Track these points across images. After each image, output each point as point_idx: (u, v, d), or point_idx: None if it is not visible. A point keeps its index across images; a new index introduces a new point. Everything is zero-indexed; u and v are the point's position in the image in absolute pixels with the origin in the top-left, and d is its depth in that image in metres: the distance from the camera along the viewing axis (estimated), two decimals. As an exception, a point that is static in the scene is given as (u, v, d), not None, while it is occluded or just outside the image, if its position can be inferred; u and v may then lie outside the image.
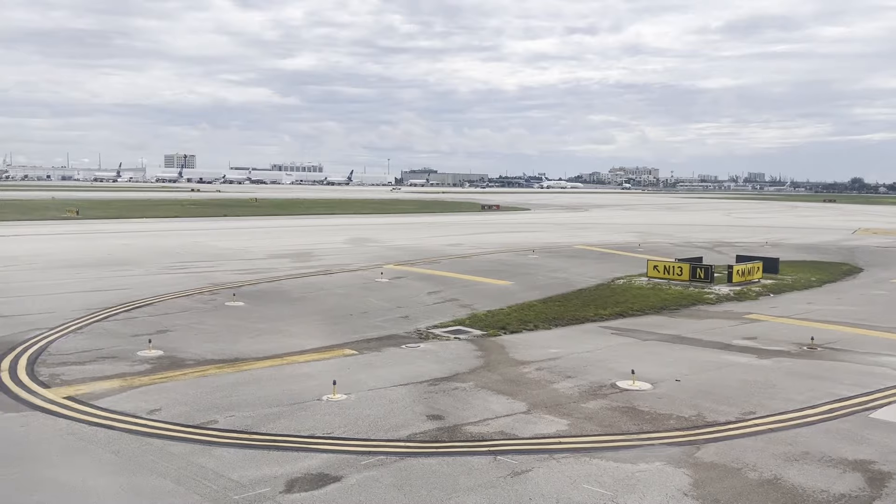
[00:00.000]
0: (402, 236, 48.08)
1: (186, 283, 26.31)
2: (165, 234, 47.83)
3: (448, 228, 57.60)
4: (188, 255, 34.46)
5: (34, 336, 17.92)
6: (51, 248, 37.15)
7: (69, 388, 13.76)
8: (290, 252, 37.04)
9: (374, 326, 20.48)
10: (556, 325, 21.28)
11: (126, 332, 18.63)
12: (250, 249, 37.96)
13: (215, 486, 9.50)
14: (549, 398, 13.67)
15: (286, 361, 16.36)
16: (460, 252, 38.48)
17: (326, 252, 37.49)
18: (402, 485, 9.60)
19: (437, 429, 11.91)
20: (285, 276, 28.64)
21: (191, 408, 12.81)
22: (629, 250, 41.04)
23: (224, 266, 31.21)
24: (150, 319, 20.35)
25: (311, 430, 11.72)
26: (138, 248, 37.60)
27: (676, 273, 28.80)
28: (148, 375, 14.79)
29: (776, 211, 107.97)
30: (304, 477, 9.83)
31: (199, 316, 21.07)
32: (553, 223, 68.52)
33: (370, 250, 38.80)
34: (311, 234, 49.86)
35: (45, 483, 9.54)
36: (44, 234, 45.64)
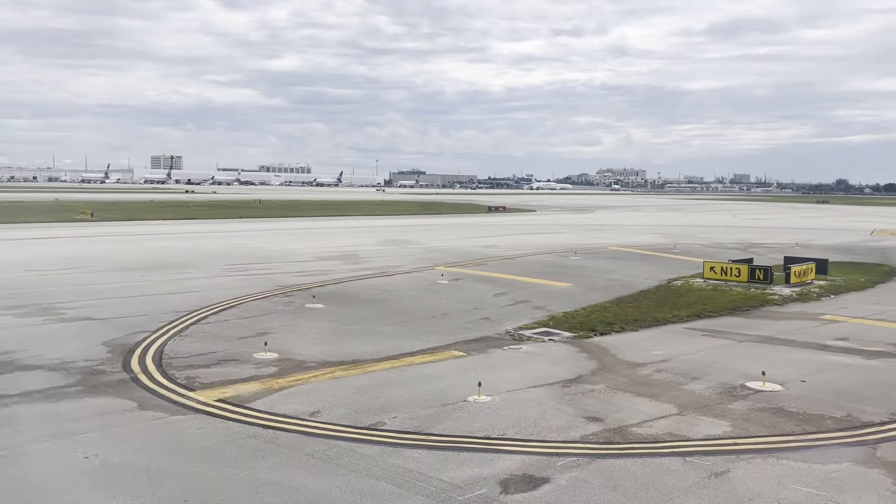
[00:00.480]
0: (433, 238, 48.15)
1: (254, 286, 26.30)
2: (196, 236, 47.67)
3: (472, 230, 57.72)
4: (237, 258, 34.38)
5: (142, 338, 17.92)
6: (96, 250, 36.94)
7: (215, 391, 13.81)
8: (335, 254, 37.05)
9: (462, 328, 20.59)
10: (639, 326, 21.47)
11: (229, 335, 18.66)
12: (294, 251, 37.93)
13: (432, 487, 9.62)
14: (691, 400, 13.86)
15: (403, 363, 16.47)
16: (499, 254, 38.63)
17: (370, 254, 37.52)
18: (614, 486, 9.77)
19: (604, 430, 12.07)
20: (347, 279, 28.67)
21: (348, 409, 12.90)
22: (665, 251, 41.36)
23: (279, 268, 31.19)
24: (242, 322, 20.38)
25: (482, 432, 11.85)
26: (180, 250, 37.45)
27: (734, 274, 29.10)
28: (282, 377, 14.85)
29: (780, 212, 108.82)
30: (510, 478, 9.96)
31: (288, 318, 21.10)
32: (570, 225, 68.81)
33: (411, 252, 38.87)
34: (343, 236, 49.82)
35: (264, 485, 9.62)
36: (79, 237, 45.36)
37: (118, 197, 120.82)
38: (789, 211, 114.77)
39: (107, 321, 19.80)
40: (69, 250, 36.52)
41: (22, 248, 38.12)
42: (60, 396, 13.23)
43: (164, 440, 11.26)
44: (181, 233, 49.90)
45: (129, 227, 55.29)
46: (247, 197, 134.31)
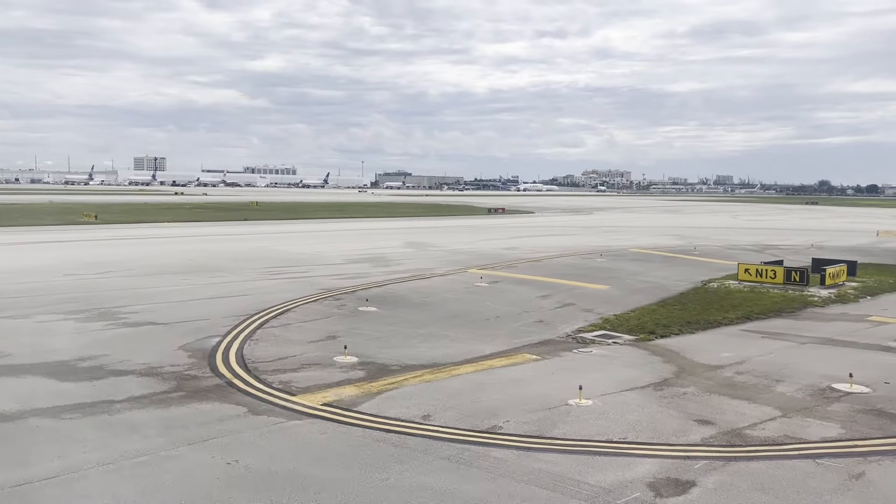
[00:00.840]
0: (451, 240, 48.21)
1: (298, 289, 26.23)
2: (213, 238, 47.46)
3: (484, 232, 57.79)
4: (268, 261, 34.26)
5: (216, 343, 17.89)
6: (121, 254, 36.65)
7: (316, 395, 13.83)
8: (362, 257, 37.02)
9: (521, 331, 20.72)
10: (694, 329, 21.68)
11: (299, 339, 18.65)
12: (321, 254, 37.84)
13: (584, 491, 9.73)
14: (787, 402, 14.06)
15: (484, 366, 16.56)
16: (523, 256, 38.74)
17: (397, 257, 37.52)
18: (762, 488, 9.92)
19: (720, 433, 12.22)
20: (386, 281, 28.65)
21: (457, 413, 12.98)
22: (686, 254, 41.70)
23: (314, 271, 31.12)
24: (306, 325, 20.38)
25: (603, 435, 11.98)
26: (206, 253, 37.27)
27: (769, 276, 29.43)
28: (374, 381, 14.89)
29: (777, 214, 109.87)
30: (656, 482, 10.09)
31: (349, 322, 21.11)
32: (578, 227, 69.08)
33: (436, 254, 38.91)
34: (360, 239, 49.69)
35: (419, 490, 9.67)
36: (95, 240, 44.96)
37: (111, 199, 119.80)
38: (785, 212, 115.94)
39: (173, 326, 19.73)
40: (94, 254, 36.23)
41: (44, 251, 37.78)
42: (167, 402, 13.20)
43: (295, 445, 11.28)
44: (196, 235, 49.65)
45: (139, 229, 54.89)
46: (241, 199, 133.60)
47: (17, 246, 40.57)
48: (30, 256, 35.04)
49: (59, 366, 15.41)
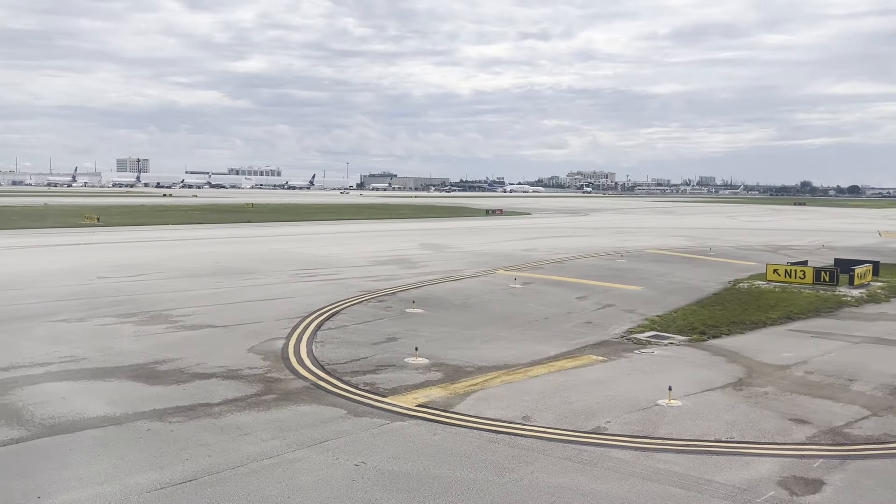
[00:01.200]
0: (466, 242, 48.31)
1: (337, 291, 26.21)
2: (228, 241, 47.24)
3: (494, 234, 57.91)
4: (295, 263, 34.18)
5: (282, 345, 17.89)
6: (145, 256, 36.44)
7: (406, 396, 13.90)
8: (386, 258, 37.02)
9: (575, 332, 20.86)
10: (742, 329, 21.91)
11: (361, 340, 18.67)
12: (344, 257, 37.79)
13: (720, 490, 9.87)
14: (872, 401, 14.31)
15: (555, 367, 16.68)
16: (545, 257, 38.88)
17: (421, 259, 37.55)
18: (890, 485, 10.11)
19: (820, 432, 12.43)
20: (420, 283, 28.65)
21: (555, 414, 13.10)
22: (702, 254, 42.07)
23: (344, 273, 31.11)
24: (362, 327, 20.39)
25: (710, 435, 12.14)
26: (228, 256, 37.10)
27: (799, 276, 29.79)
28: (456, 383, 14.96)
29: (771, 214, 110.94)
30: (784, 480, 10.24)
31: (401, 323, 21.14)
32: (584, 228, 69.41)
33: (457, 256, 38.99)
34: (375, 240, 49.62)
35: (559, 490, 9.76)
36: (109, 243, 44.69)
37: (103, 201, 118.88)
38: (777, 213, 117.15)
39: (232, 328, 19.68)
40: (118, 257, 35.99)
41: (64, 254, 37.45)
42: (264, 404, 13.20)
43: (413, 446, 11.33)
44: (208, 238, 49.40)
45: (149, 232, 54.54)
46: (234, 201, 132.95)
47: (34, 249, 40.22)
48: (56, 259, 34.69)
49: (138, 369, 15.36)
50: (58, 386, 14.01)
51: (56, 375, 14.75)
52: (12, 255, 36.89)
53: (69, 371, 15.08)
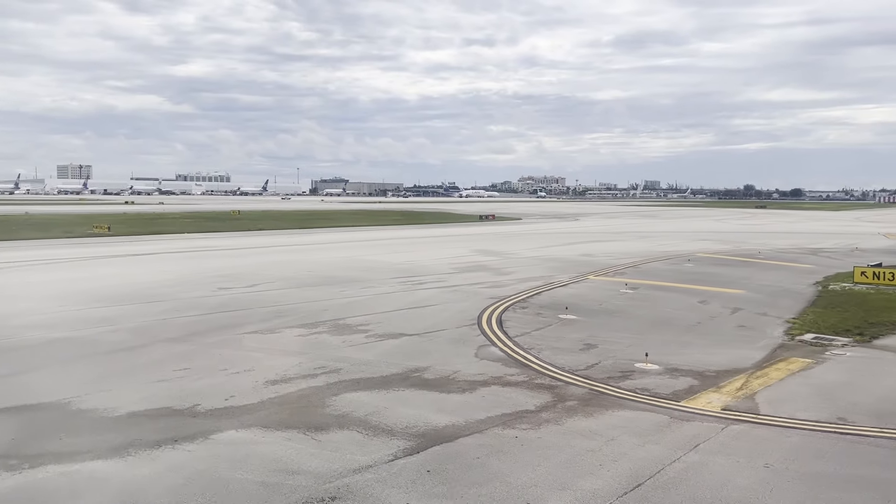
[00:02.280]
0: (517, 248, 48.55)
1: (469, 299, 26.30)
2: (283, 250, 46.80)
3: (532, 240, 58.32)
4: (388, 271, 34.02)
5: (499, 352, 18.13)
6: (229, 266, 35.91)
7: (697, 401, 14.30)
8: (466, 265, 37.19)
9: (745, 337, 21.21)
10: (891, 330, 22.74)
11: (565, 347, 18.96)
12: (423, 264, 37.69)
13: None
14: None
15: (783, 371, 17.20)
16: (609, 262, 39.47)
17: (499, 265, 37.71)
18: None
19: None
20: (535, 290, 28.89)
21: (866, 413, 13.61)
22: (752, 257, 43.44)
23: (448, 280, 31.15)
24: (546, 333, 20.66)
25: None
26: (306, 264, 36.81)
27: (888, 278, 31.11)
28: (723, 386, 15.43)
29: (751, 217, 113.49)
30: None
31: (576, 329, 21.44)
32: (602, 232, 70.49)
33: (528, 262, 39.24)
34: (426, 247, 49.37)
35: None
36: (156, 253, 43.86)
37: (76, 209, 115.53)
38: (754, 216, 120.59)
39: (428, 336, 19.85)
40: (205, 267, 35.49)
41: (144, 266, 36.69)
42: (578, 410, 13.48)
43: (784, 448, 11.76)
44: (257, 247, 48.82)
45: (177, 242, 53.51)
46: (217, 208, 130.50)
47: (102, 260, 39.22)
48: (150, 270, 34.14)
49: (405, 378, 15.45)
50: (361, 396, 14.03)
51: (342, 386, 14.74)
52: (91, 267, 36.00)
53: (347, 382, 15.07)
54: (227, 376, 15.44)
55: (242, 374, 15.64)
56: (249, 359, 16.90)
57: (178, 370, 15.88)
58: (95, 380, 15.06)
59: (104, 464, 10.54)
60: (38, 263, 36.84)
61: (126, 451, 11.01)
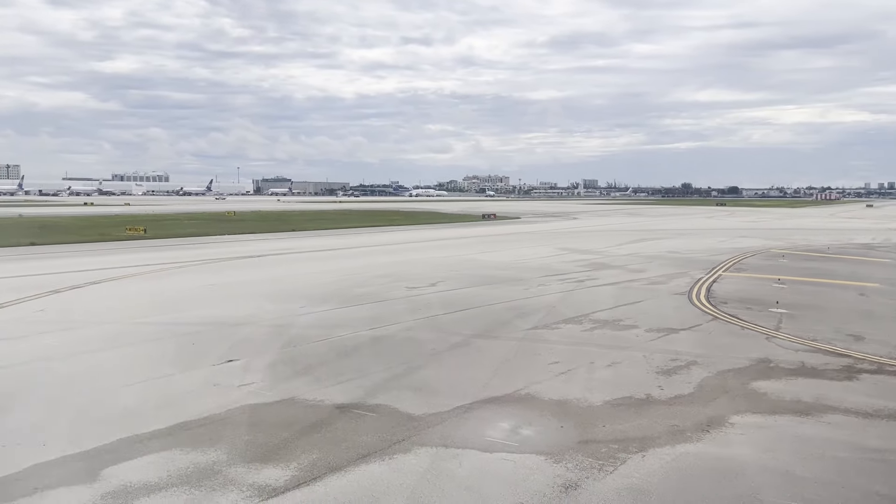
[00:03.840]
0: (596, 245, 49.84)
1: (654, 295, 27.60)
2: (372, 251, 47.09)
3: (590, 238, 59.80)
4: (527, 270, 35.03)
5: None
6: (367, 266, 36.30)
7: None
8: (583, 263, 38.33)
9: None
10: None
11: (843, 338, 20.43)
12: (537, 262, 38.76)
13: None
14: None
15: None
16: (711, 258, 41.18)
17: (615, 263, 38.99)
18: None
19: None
20: (695, 284, 30.30)
21: None
22: (821, 252, 46.03)
23: (599, 279, 32.38)
24: (798, 326, 22.07)
25: None
26: (428, 264, 37.46)
27: None
28: None
29: (730, 216, 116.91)
30: None
31: (817, 322, 22.74)
32: (639, 230, 72.16)
33: (630, 259, 40.60)
34: (504, 246, 50.56)
35: None
36: (271, 254, 43.51)
37: (41, 211, 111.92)
38: (731, 214, 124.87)
39: (687, 331, 20.93)
40: (343, 267, 35.79)
41: (286, 268, 36.69)
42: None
43: None
44: (335, 248, 48.93)
45: (257, 244, 53.05)
46: (196, 209, 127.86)
47: (223, 264, 38.93)
48: (303, 271, 34.37)
49: (777, 366, 16.63)
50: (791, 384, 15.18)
51: (749, 374, 15.89)
52: (243, 269, 35.83)
53: (739, 370, 16.19)
54: (616, 369, 16.39)
55: (624, 365, 16.62)
56: (590, 353, 17.84)
57: (551, 364, 16.71)
58: (507, 375, 15.78)
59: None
60: (170, 267, 36.34)
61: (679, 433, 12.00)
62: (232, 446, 11.38)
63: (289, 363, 16.63)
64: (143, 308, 23.91)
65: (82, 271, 33.44)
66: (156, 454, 11.02)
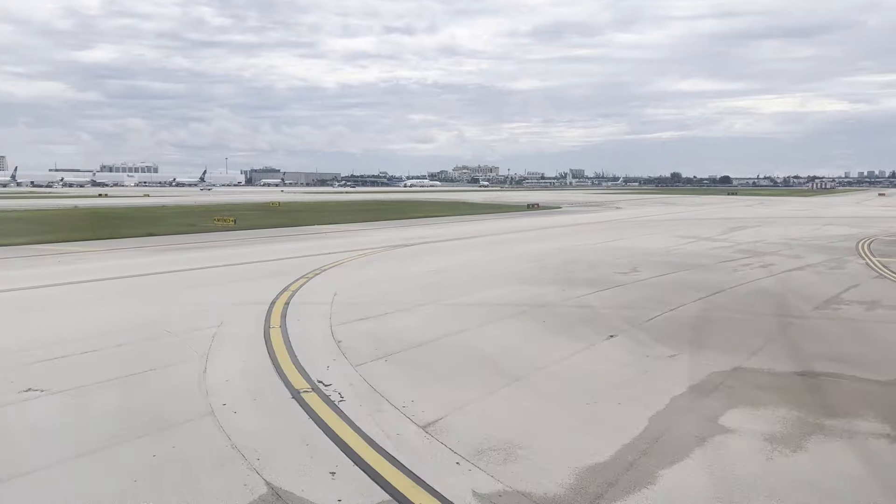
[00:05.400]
0: (709, 233, 51.65)
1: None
2: (508, 239, 48.31)
3: (672, 226, 61.44)
4: (677, 255, 36.47)
5: None
6: (531, 251, 37.49)
7: None
8: (733, 250, 39.87)
9: None
10: None
11: None
12: (672, 249, 40.28)
13: None
14: None
15: None
16: (831, 245, 43.04)
17: (760, 250, 40.66)
18: None
19: None
20: (865, 266, 31.97)
21: None
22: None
23: (786, 266, 33.93)
24: None
25: None
26: (578, 251, 38.80)
27: None
28: None
29: (780, 206, 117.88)
30: None
31: None
32: (704, 219, 73.30)
33: (771, 246, 42.37)
34: (614, 233, 52.10)
35: None
36: (451, 239, 44.41)
37: (91, 202, 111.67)
38: (766, 204, 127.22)
39: None
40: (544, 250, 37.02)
41: (466, 253, 37.69)
42: None
43: None
44: (452, 236, 49.98)
45: (402, 231, 53.95)
46: (252, 199, 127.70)
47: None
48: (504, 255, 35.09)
49: None
50: None
51: None
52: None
53: None
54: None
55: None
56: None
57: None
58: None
59: None
60: (355, 256, 36.76)
61: None
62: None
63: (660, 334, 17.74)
64: (418, 292, 24.21)
65: (298, 257, 34.13)
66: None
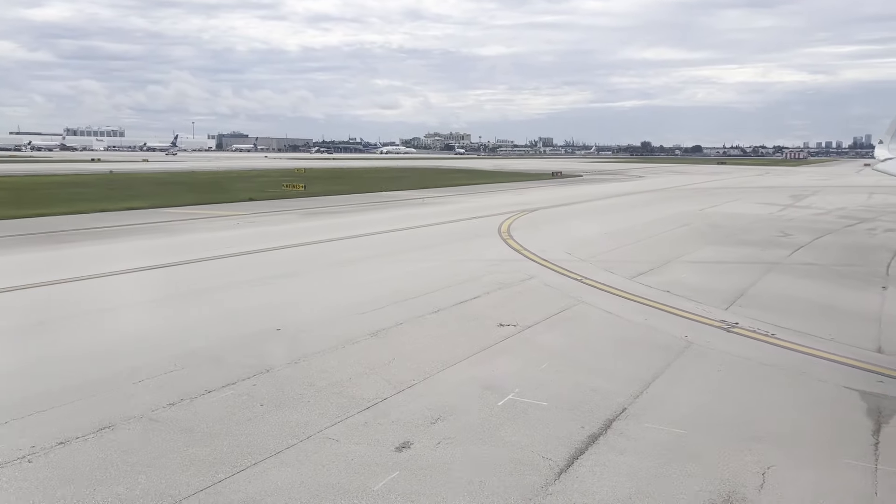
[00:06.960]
0: (771, 200, 53.94)
1: None
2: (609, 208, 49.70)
3: (731, 195, 63.42)
4: (782, 222, 38.57)
5: None
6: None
7: None
8: (832, 215, 42.09)
9: None
10: None
11: None
12: (776, 216, 42.43)
13: None
14: None
15: None
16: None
17: (857, 217, 42.84)
18: None
19: None
20: None
21: None
22: None
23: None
24: None
25: None
26: (701, 216, 40.55)
27: None
28: None
29: (789, 176, 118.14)
30: None
31: None
32: (757, 187, 75.07)
33: (861, 215, 44.61)
34: (685, 203, 53.88)
35: None
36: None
37: (69, 167, 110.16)
38: (773, 173, 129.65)
39: None
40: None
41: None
42: None
43: None
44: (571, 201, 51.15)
45: (488, 198, 54.75)
46: (252, 165, 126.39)
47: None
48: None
49: None
50: None
51: None
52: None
53: None
54: None
55: None
56: None
57: None
58: None
59: None
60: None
61: None
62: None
63: None
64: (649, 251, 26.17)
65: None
66: None
